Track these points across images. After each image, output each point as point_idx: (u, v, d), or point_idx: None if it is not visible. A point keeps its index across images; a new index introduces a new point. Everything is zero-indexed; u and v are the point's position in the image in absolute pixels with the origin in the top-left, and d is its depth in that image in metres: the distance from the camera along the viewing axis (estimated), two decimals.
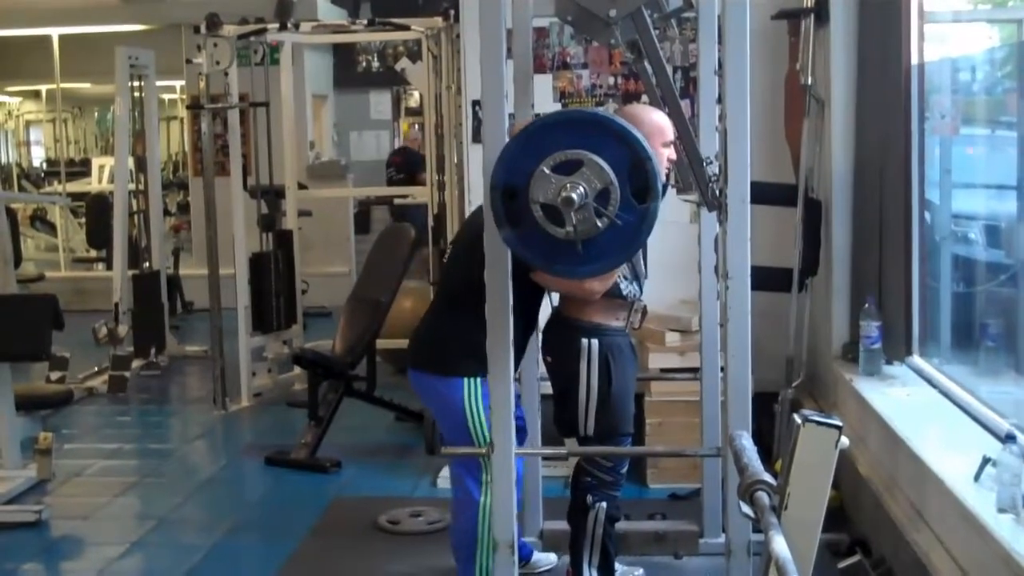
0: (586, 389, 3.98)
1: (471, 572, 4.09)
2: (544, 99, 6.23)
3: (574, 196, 2.84)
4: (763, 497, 2.29)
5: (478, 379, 3.89)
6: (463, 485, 4.12)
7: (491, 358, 3.18)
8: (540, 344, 4.28)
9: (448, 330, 4.04)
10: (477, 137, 6.10)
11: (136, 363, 8.81)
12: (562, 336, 4.08)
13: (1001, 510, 3.23)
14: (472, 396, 3.93)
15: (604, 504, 4.08)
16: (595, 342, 3.99)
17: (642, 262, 4.16)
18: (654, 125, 3.93)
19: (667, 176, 3.95)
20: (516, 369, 3.98)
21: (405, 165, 12.25)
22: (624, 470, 4.17)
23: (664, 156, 3.93)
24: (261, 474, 6.46)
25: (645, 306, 4.18)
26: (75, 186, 14.38)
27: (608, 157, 2.88)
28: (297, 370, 8.04)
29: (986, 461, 3.47)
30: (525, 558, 4.54)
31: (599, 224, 2.88)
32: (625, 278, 4.05)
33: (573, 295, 3.99)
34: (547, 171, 2.89)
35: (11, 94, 17.25)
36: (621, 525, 4.38)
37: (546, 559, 4.70)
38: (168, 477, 6.50)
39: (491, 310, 3.16)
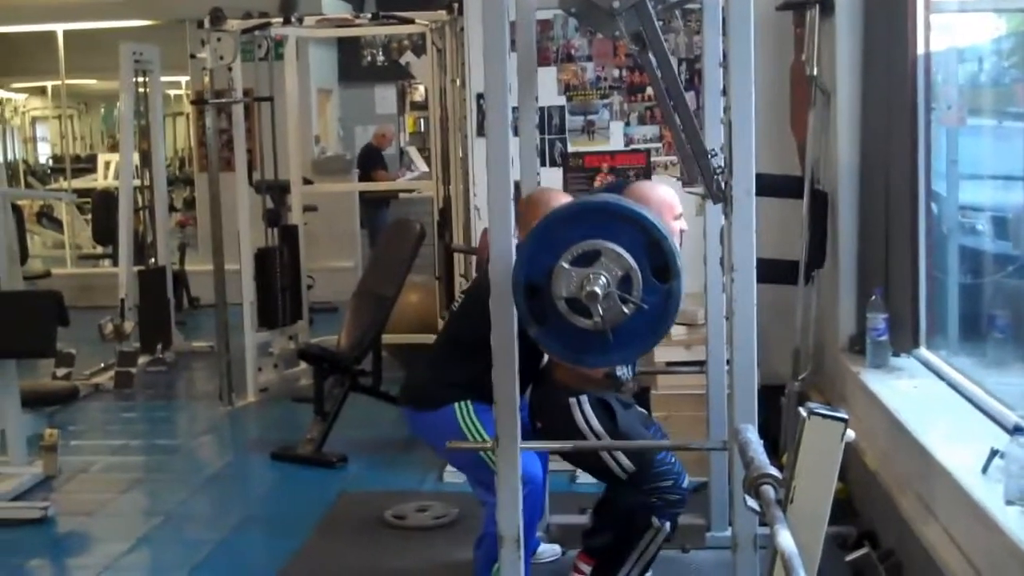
0: (595, 435, 3.93)
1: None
2: (548, 92, 6.23)
3: (597, 289, 2.88)
4: (769, 490, 2.28)
5: (468, 401, 3.90)
6: (482, 495, 4.11)
7: (495, 349, 3.15)
8: (530, 406, 4.19)
9: (442, 371, 4.06)
10: (482, 131, 6.08)
11: (142, 359, 8.81)
12: (549, 398, 3.99)
13: (1009, 502, 3.22)
14: (466, 416, 3.94)
15: (668, 524, 4.00)
16: (583, 397, 3.93)
17: None
18: (662, 201, 3.98)
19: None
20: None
21: (361, 163, 12.42)
22: (685, 482, 4.01)
23: (676, 229, 3.97)
24: (267, 469, 6.46)
25: (637, 383, 4.16)
26: (81, 182, 14.39)
27: (624, 243, 2.92)
28: (303, 365, 8.04)
29: (994, 453, 3.45)
30: (531, 549, 4.52)
31: (625, 310, 2.90)
32: None
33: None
34: (567, 265, 2.92)
35: (17, 90, 17.25)
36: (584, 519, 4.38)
37: (551, 550, 4.68)
38: (174, 473, 6.51)
39: (495, 288, 3.13)
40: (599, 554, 4.24)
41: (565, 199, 4.01)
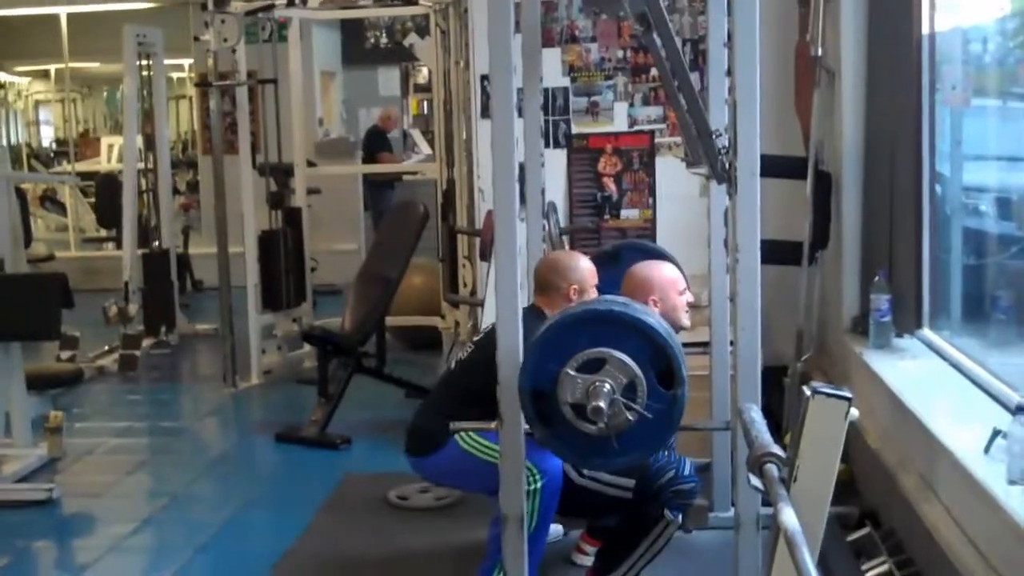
0: (596, 482, 3.91)
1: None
2: (553, 73, 6.23)
3: (602, 404, 2.88)
4: (772, 469, 2.29)
5: (469, 432, 3.91)
6: None
7: (500, 331, 3.16)
8: None
9: (445, 415, 4.04)
10: (486, 112, 6.09)
11: (146, 342, 8.82)
12: None
13: (1011, 482, 3.22)
14: (470, 441, 3.95)
15: (680, 516, 4.00)
16: None
17: None
18: (665, 280, 4.04)
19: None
20: None
21: (366, 145, 12.42)
22: (688, 469, 4.00)
23: (683, 304, 4.04)
24: (271, 451, 6.48)
25: None
26: (84, 166, 14.38)
27: (628, 350, 2.93)
28: (307, 347, 8.05)
29: (996, 433, 3.45)
30: (546, 536, 4.52)
31: (630, 417, 2.91)
32: None
33: None
34: (572, 372, 2.93)
35: (20, 74, 17.23)
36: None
37: (554, 530, 4.69)
38: (179, 455, 6.53)
39: (499, 262, 3.14)
40: (604, 535, 4.26)
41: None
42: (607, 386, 2.90)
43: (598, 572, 4.13)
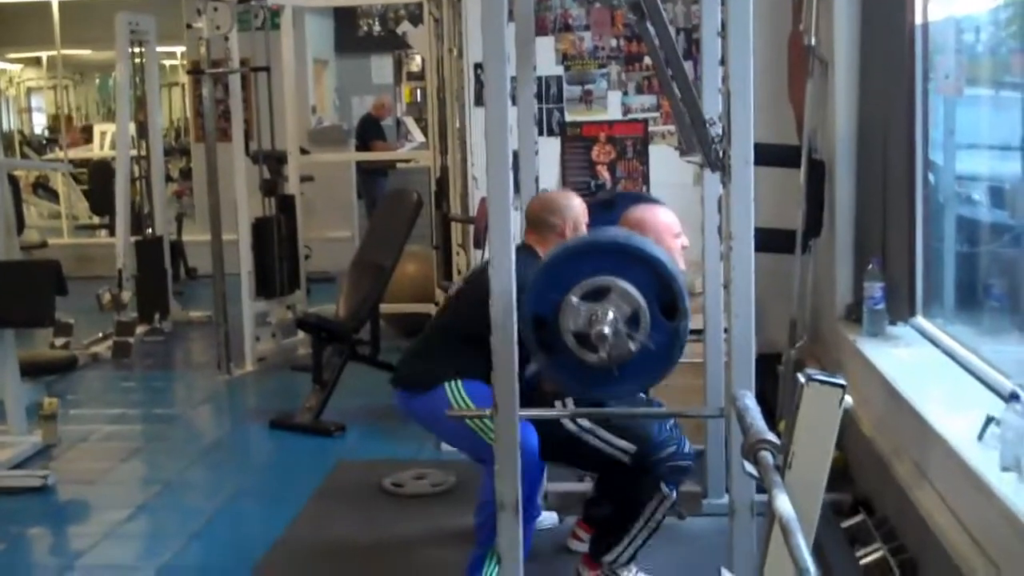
0: (593, 435, 3.92)
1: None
2: (546, 62, 6.22)
3: (606, 330, 2.89)
4: (767, 456, 2.29)
5: (459, 380, 3.93)
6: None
7: (494, 321, 3.16)
8: None
9: (434, 356, 4.10)
10: (479, 101, 6.08)
11: (140, 329, 8.83)
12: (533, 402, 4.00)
13: (1004, 469, 3.23)
14: (456, 394, 3.96)
15: (674, 494, 4.03)
16: (568, 399, 3.95)
17: None
18: (660, 224, 4.06)
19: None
20: None
21: (360, 133, 12.43)
22: (688, 447, 4.05)
23: (679, 247, 4.05)
24: (265, 438, 6.49)
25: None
26: (77, 152, 14.36)
27: (633, 280, 2.94)
28: (301, 335, 8.06)
29: (989, 420, 3.47)
30: (533, 518, 4.54)
31: (632, 347, 2.91)
32: None
33: None
34: (575, 300, 2.94)
35: (12, 61, 17.18)
36: (585, 487, 4.40)
37: (549, 518, 4.71)
38: (173, 442, 6.53)
39: (495, 243, 3.14)
40: (599, 524, 4.27)
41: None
42: (610, 315, 2.91)
43: (593, 556, 4.15)
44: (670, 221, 4.09)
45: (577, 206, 4.15)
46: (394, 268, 6.92)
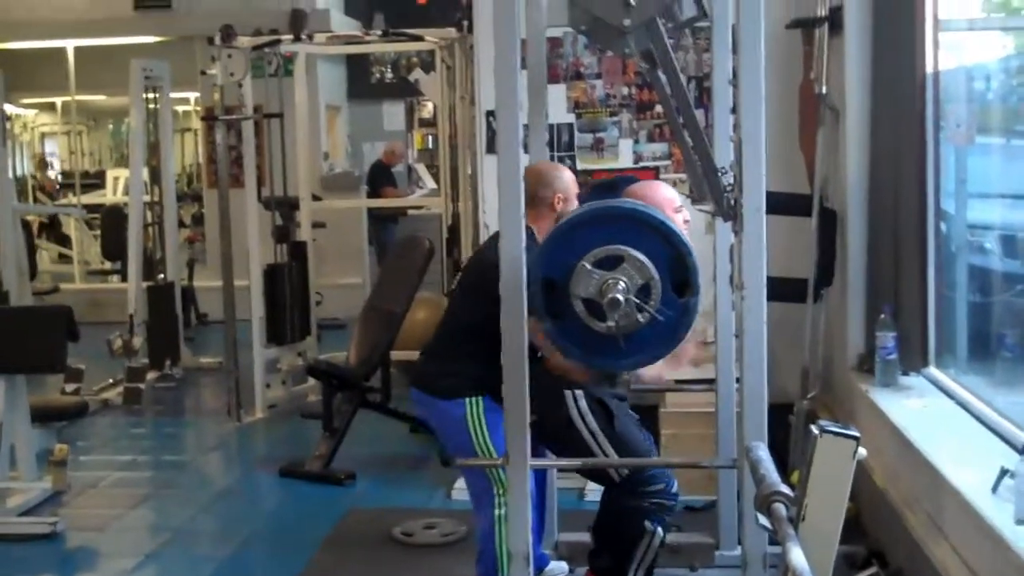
0: (589, 432, 3.95)
1: None
2: (558, 109, 6.24)
3: (619, 296, 2.87)
4: (780, 508, 2.28)
5: (480, 398, 3.91)
6: (474, 507, 4.15)
7: (506, 363, 3.15)
8: None
9: (453, 358, 4.08)
10: (491, 148, 6.10)
11: (151, 375, 8.82)
12: (541, 384, 3.98)
13: (1019, 521, 3.21)
14: (475, 415, 3.96)
15: (660, 528, 4.03)
16: (579, 392, 3.97)
17: None
18: (663, 199, 4.03)
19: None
20: None
21: (370, 180, 12.47)
22: (675, 487, 4.07)
23: (680, 221, 4.00)
24: (275, 486, 6.46)
25: (633, 376, 4.17)
26: (90, 198, 14.42)
27: (648, 251, 2.93)
28: (311, 382, 8.04)
29: (1004, 472, 3.45)
30: (541, 567, 4.52)
31: (640, 319, 2.91)
32: None
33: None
34: (589, 266, 2.92)
35: (26, 106, 17.29)
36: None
37: (559, 568, 4.67)
38: (183, 489, 6.51)
39: (506, 309, 3.13)
40: (602, 573, 4.25)
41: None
42: (622, 284, 2.89)
43: None
44: (671, 196, 4.07)
45: (567, 177, 4.17)
46: (405, 315, 6.92)
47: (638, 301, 2.90)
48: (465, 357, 4.02)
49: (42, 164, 17.35)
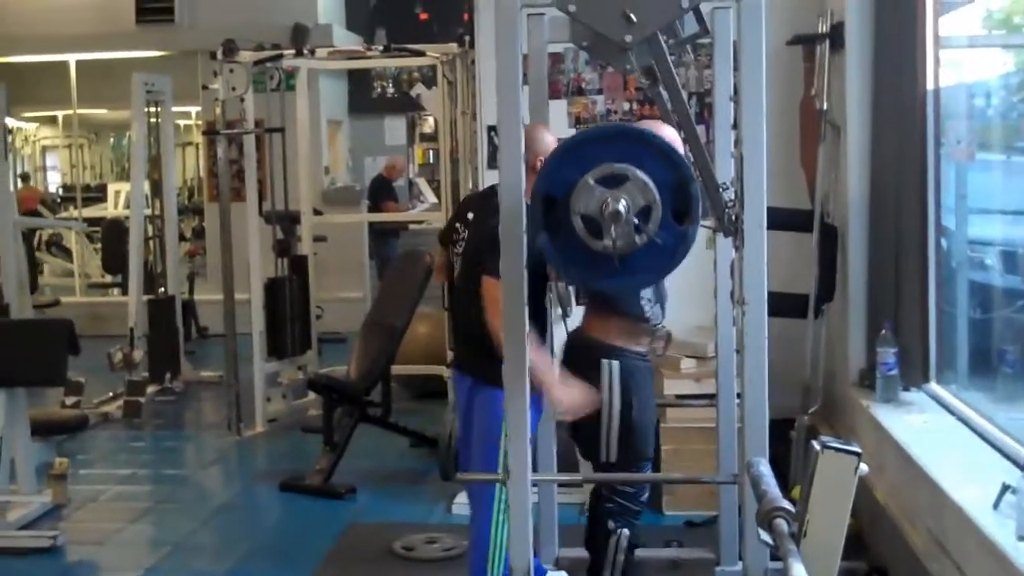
0: (608, 414, 3.98)
1: None
2: (559, 125, 6.24)
3: (621, 209, 2.83)
4: (782, 524, 2.28)
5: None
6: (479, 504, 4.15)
7: (507, 381, 3.16)
8: (561, 369, 4.25)
9: (479, 339, 4.02)
10: (493, 163, 6.11)
11: (151, 388, 8.82)
12: (582, 356, 4.07)
13: (1021, 538, 3.21)
14: None
15: (626, 531, 4.07)
16: (615, 364, 3.98)
17: (664, 284, 4.15)
18: (672, 140, 3.97)
19: None
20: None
21: (371, 194, 12.49)
22: (645, 497, 4.15)
23: None
24: (275, 500, 6.45)
25: (669, 333, 4.18)
26: (91, 211, 14.44)
27: (652, 175, 2.89)
28: (312, 396, 8.04)
29: (1005, 488, 3.45)
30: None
31: (638, 241, 2.89)
32: (648, 300, 4.05)
33: None
34: (591, 182, 2.89)
35: (27, 120, 17.32)
36: (636, 552, 4.37)
37: None
38: (183, 503, 6.50)
39: (508, 329, 3.14)
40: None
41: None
42: (623, 202, 2.86)
43: None
44: (676, 140, 4.07)
45: (549, 139, 4.12)
46: (406, 329, 6.92)
47: (637, 222, 2.89)
48: (477, 328, 3.98)
49: (23, 178, 17.32)
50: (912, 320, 4.91)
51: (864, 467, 2.35)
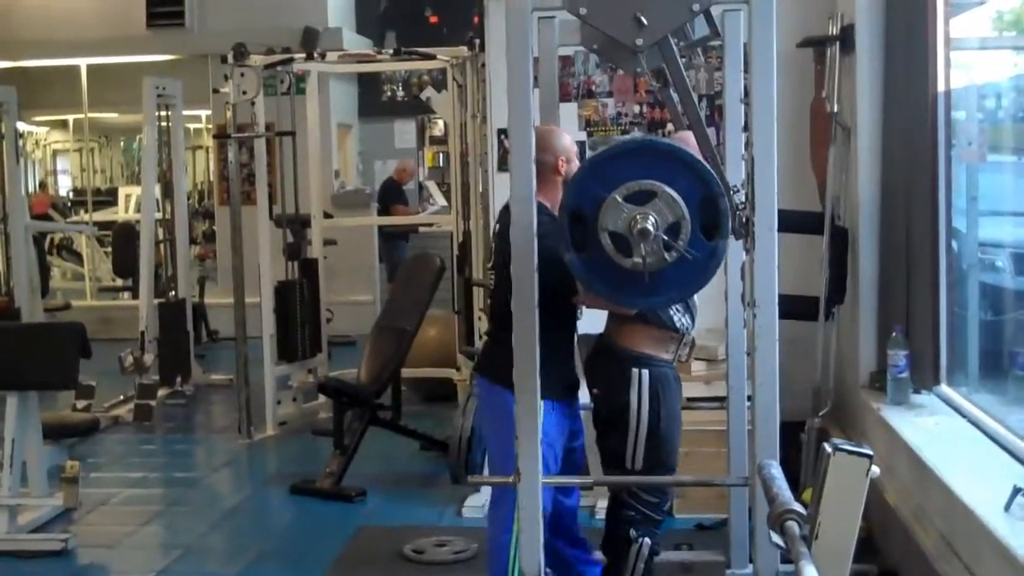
0: (636, 421, 3.99)
1: None
2: (569, 127, 6.24)
3: (649, 227, 2.83)
4: (794, 527, 2.28)
5: (540, 402, 3.92)
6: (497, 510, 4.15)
7: (518, 384, 3.16)
8: (585, 375, 4.27)
9: (499, 343, 4.03)
10: (503, 166, 6.11)
11: (162, 392, 8.83)
12: (610, 366, 4.08)
13: None
14: None
15: (647, 539, 4.06)
16: (645, 372, 4.00)
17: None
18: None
19: None
20: (576, 391, 4.16)
21: (381, 198, 12.50)
22: (668, 506, 4.14)
23: None
24: (286, 503, 6.46)
25: (694, 339, 4.19)
26: (102, 215, 14.47)
27: (681, 190, 2.89)
28: (322, 399, 8.05)
29: (1017, 491, 3.44)
30: None
31: (667, 257, 2.88)
32: (677, 310, 4.06)
33: (610, 310, 4.00)
34: (620, 200, 2.89)
35: (38, 124, 17.37)
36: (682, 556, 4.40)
37: None
38: (193, 506, 6.51)
39: (519, 333, 3.15)
40: None
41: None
42: (651, 219, 2.85)
43: None
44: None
45: (567, 138, 4.13)
46: (416, 332, 6.92)
47: (666, 239, 2.88)
48: (503, 332, 3.99)
49: (41, 185, 17.38)
50: (923, 322, 4.90)
51: (875, 470, 2.35)
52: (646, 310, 3.97)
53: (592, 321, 4.23)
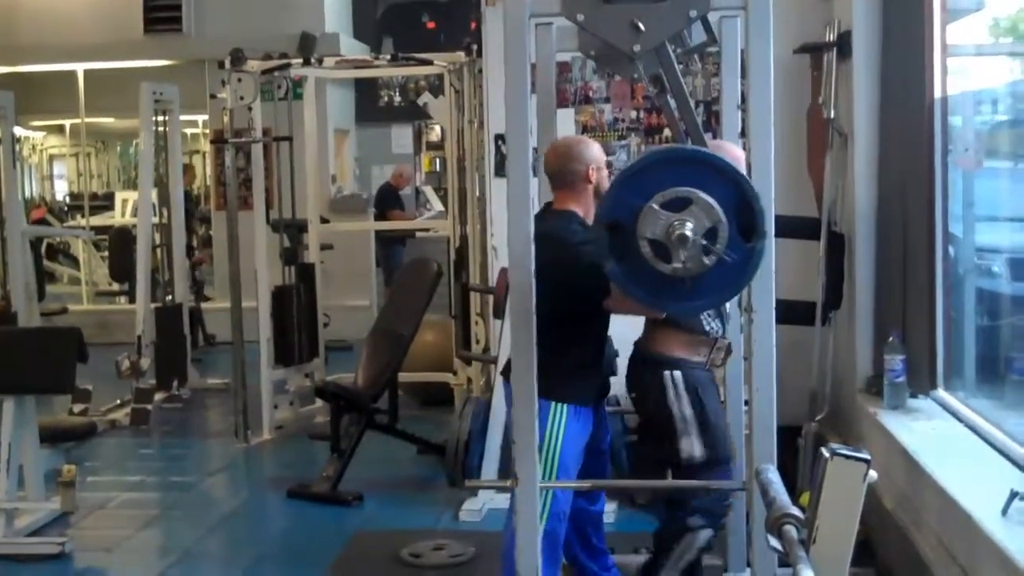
0: (681, 417, 4.01)
1: None
2: (567, 133, 6.25)
3: (688, 233, 2.85)
4: (792, 531, 2.29)
5: (565, 406, 3.94)
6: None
7: (516, 387, 3.17)
8: (625, 381, 4.28)
9: (542, 351, 4.05)
10: (500, 171, 6.12)
11: (158, 396, 8.82)
12: (644, 371, 4.12)
13: None
14: (556, 422, 3.98)
15: (708, 532, 4.08)
16: (678, 374, 4.03)
17: None
18: (736, 158, 4.00)
19: None
20: (604, 397, 4.23)
21: (378, 203, 12.51)
22: (729, 501, 4.16)
23: None
24: (283, 507, 6.45)
25: (729, 344, 4.19)
26: (98, 220, 14.45)
27: (716, 195, 2.90)
28: (319, 403, 8.04)
29: (1013, 495, 3.45)
30: None
31: (706, 262, 2.90)
32: (708, 314, 4.07)
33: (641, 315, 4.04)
34: (656, 207, 2.90)
35: (35, 128, 17.35)
36: (642, 559, 4.38)
37: None
38: (190, 510, 6.51)
39: (516, 334, 3.15)
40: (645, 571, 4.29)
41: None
42: (689, 225, 2.86)
43: None
44: (741, 157, 4.07)
45: (595, 146, 4.18)
46: (413, 337, 6.92)
47: (705, 243, 2.89)
48: (551, 352, 4.01)
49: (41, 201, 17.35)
50: (920, 327, 4.91)
51: (873, 474, 2.36)
52: (677, 316, 4.01)
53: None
